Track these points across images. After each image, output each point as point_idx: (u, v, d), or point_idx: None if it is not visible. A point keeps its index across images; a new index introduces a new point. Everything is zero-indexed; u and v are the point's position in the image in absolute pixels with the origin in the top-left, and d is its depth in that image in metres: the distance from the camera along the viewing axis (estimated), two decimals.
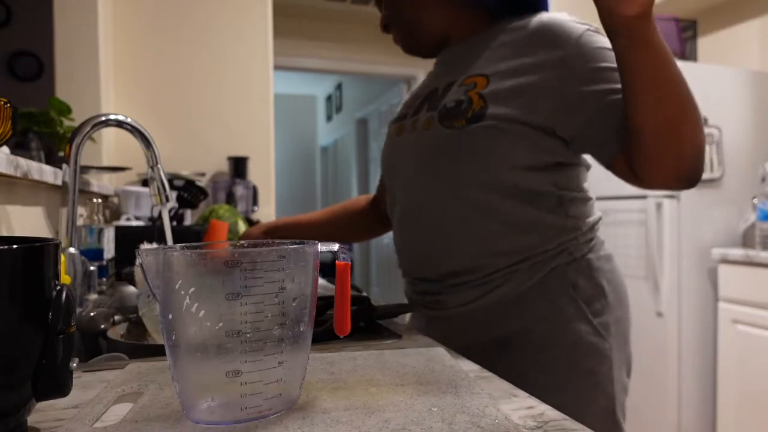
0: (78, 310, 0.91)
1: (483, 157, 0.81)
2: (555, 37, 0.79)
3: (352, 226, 1.20)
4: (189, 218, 2.23)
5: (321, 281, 1.24)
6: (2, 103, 0.70)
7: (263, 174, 2.75)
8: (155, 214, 1.94)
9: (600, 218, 0.94)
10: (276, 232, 1.17)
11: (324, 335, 0.70)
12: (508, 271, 0.82)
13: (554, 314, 0.82)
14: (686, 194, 2.36)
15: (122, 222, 1.97)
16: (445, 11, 0.90)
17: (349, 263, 0.50)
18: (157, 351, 0.69)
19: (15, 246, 0.37)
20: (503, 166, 0.81)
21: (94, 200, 1.32)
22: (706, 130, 2.36)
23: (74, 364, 0.41)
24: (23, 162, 0.96)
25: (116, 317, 0.87)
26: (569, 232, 0.84)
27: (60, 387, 0.40)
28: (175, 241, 1.02)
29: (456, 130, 0.81)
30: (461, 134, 0.80)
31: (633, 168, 0.76)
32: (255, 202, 2.60)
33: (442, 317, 0.89)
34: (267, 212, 2.77)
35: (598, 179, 2.65)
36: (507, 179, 0.81)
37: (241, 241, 0.51)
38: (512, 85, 0.79)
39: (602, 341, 0.82)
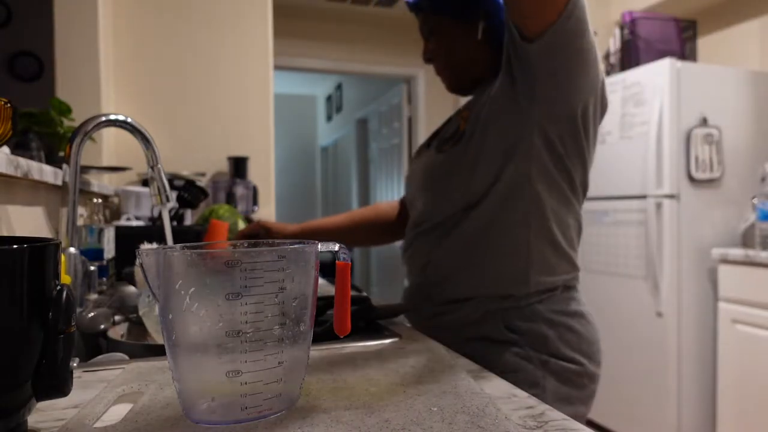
0: (78, 310, 0.91)
1: (462, 172, 0.89)
2: None
3: (375, 232, 1.23)
4: (189, 218, 2.23)
5: (321, 281, 1.24)
6: (2, 103, 0.70)
7: (263, 174, 2.75)
8: (155, 214, 1.94)
9: (574, 277, 0.95)
10: (304, 238, 1.19)
11: (324, 335, 0.70)
12: (455, 305, 0.92)
13: (489, 339, 0.89)
14: (686, 194, 2.37)
15: (122, 222, 1.97)
16: (488, 56, 0.96)
17: (349, 263, 0.50)
18: (157, 351, 0.69)
19: (15, 246, 0.37)
20: (475, 177, 0.88)
21: (94, 200, 1.32)
22: (706, 130, 2.36)
23: (74, 364, 0.41)
24: (23, 162, 0.96)
25: (116, 317, 0.87)
26: (523, 267, 0.89)
27: (60, 387, 0.40)
28: (175, 241, 1.02)
29: (444, 153, 0.92)
30: (447, 156, 0.91)
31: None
32: (255, 202, 2.60)
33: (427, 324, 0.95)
34: (267, 212, 2.76)
35: (599, 180, 2.67)
36: (476, 190, 0.89)
37: (241, 241, 0.51)
38: (482, 102, 0.91)
39: (533, 368, 0.87)
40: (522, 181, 0.87)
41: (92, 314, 0.82)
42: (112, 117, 0.95)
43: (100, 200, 1.79)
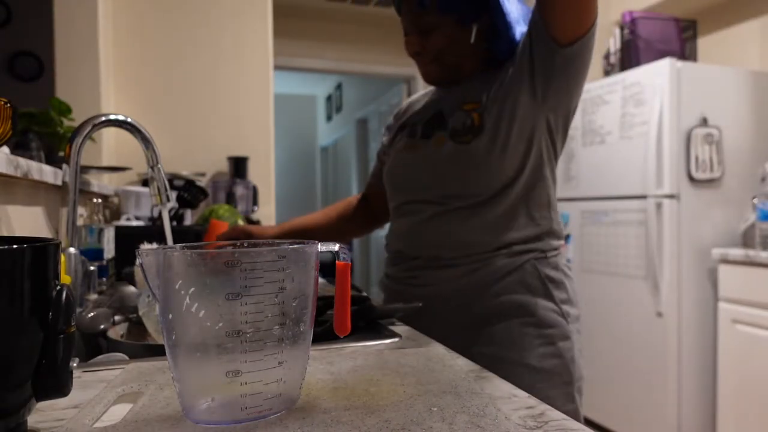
0: (78, 310, 0.91)
1: (484, 165, 0.97)
2: None
3: (350, 225, 1.29)
4: (189, 218, 2.23)
5: (321, 281, 1.24)
6: (2, 103, 0.70)
7: (263, 174, 2.75)
8: (155, 214, 1.94)
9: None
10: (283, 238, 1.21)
11: (324, 335, 0.70)
12: (489, 257, 0.98)
13: (526, 292, 0.97)
14: (686, 194, 2.37)
15: (122, 222, 1.97)
16: (475, 56, 1.04)
17: (349, 263, 0.50)
18: (157, 351, 0.69)
19: (15, 246, 0.37)
20: (498, 173, 0.97)
21: (94, 200, 1.32)
22: (706, 130, 2.36)
23: (74, 364, 0.41)
24: (23, 162, 0.96)
25: (116, 317, 0.87)
26: (545, 230, 1.01)
27: (60, 387, 0.40)
28: (175, 241, 1.02)
29: (465, 144, 0.97)
30: (469, 147, 0.97)
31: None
32: (255, 202, 2.60)
33: (418, 295, 0.99)
34: (267, 212, 2.76)
35: (599, 180, 2.68)
36: (501, 184, 0.97)
37: (241, 241, 0.51)
38: (499, 97, 0.98)
39: (565, 323, 0.98)
40: (540, 163, 1.00)
41: (92, 314, 0.82)
42: (112, 117, 0.95)
43: (100, 200, 1.79)
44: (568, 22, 0.90)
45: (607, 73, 2.91)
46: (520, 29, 1.01)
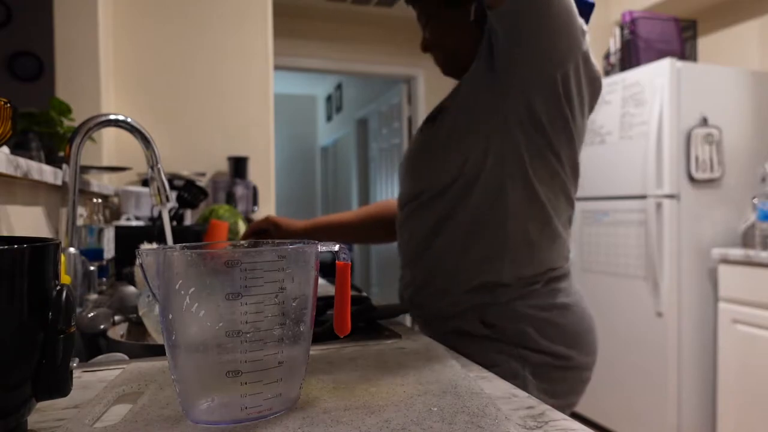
0: (78, 310, 0.91)
1: (437, 153, 0.90)
2: None
3: (380, 229, 1.23)
4: (189, 218, 2.23)
5: (321, 281, 1.24)
6: (2, 103, 0.70)
7: (263, 174, 2.74)
8: (155, 214, 1.94)
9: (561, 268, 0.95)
10: (314, 234, 1.18)
11: (324, 335, 0.70)
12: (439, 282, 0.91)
13: (468, 335, 0.89)
14: (686, 194, 2.37)
15: (122, 222, 1.97)
16: (475, 43, 0.95)
17: (349, 263, 0.50)
18: (157, 351, 0.69)
19: (15, 246, 0.37)
20: (450, 158, 0.88)
21: (94, 200, 1.32)
22: (706, 130, 2.36)
23: (74, 364, 0.41)
24: (23, 162, 0.96)
25: (116, 317, 0.87)
26: (504, 258, 0.89)
27: (60, 387, 0.40)
28: (175, 241, 1.02)
29: (424, 133, 0.94)
30: (423, 136, 0.94)
31: None
32: (255, 202, 2.60)
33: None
34: (267, 212, 2.76)
35: (599, 180, 2.68)
36: (451, 172, 0.88)
37: (241, 241, 0.51)
38: (465, 79, 0.91)
39: (515, 364, 0.87)
40: (513, 167, 0.86)
41: (92, 314, 0.82)
42: (112, 117, 0.95)
43: (100, 200, 1.79)
44: None
45: (607, 73, 2.91)
46: None
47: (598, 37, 3.19)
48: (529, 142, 0.86)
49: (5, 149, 0.93)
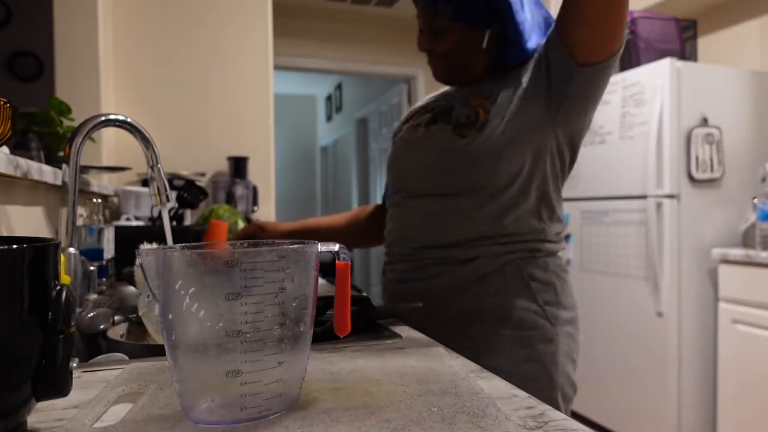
0: (78, 310, 0.91)
1: (486, 161, 0.96)
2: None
3: (363, 230, 1.26)
4: (189, 218, 2.23)
5: (321, 281, 1.24)
6: (2, 103, 0.70)
7: (263, 174, 2.75)
8: (155, 214, 1.94)
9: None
10: (297, 237, 1.21)
11: (324, 335, 0.70)
12: (470, 256, 0.97)
13: (504, 293, 0.95)
14: (686, 194, 2.37)
15: (122, 222, 1.97)
16: (485, 59, 1.04)
17: (349, 263, 0.50)
18: (157, 351, 0.69)
19: (15, 246, 0.37)
20: (491, 173, 0.96)
21: (94, 200, 1.32)
22: (707, 130, 2.36)
23: (74, 364, 0.41)
24: (23, 162, 0.96)
25: (116, 317, 0.87)
26: (538, 233, 0.99)
27: (60, 387, 0.40)
28: (175, 241, 1.01)
29: (464, 138, 0.97)
30: (467, 142, 0.97)
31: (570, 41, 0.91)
32: (255, 202, 2.60)
33: (408, 291, 1.01)
34: (267, 212, 2.76)
35: (599, 180, 2.68)
36: (501, 180, 0.96)
37: (241, 241, 0.51)
38: (509, 99, 0.98)
39: (548, 325, 0.95)
40: (541, 178, 0.99)
41: (92, 314, 0.82)
42: (112, 117, 0.94)
43: (100, 200, 1.79)
44: (592, 44, 0.89)
45: None
46: (536, 37, 1.00)
47: None
48: (555, 162, 1.00)
49: (5, 149, 0.94)
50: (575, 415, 2.78)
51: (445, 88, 1.15)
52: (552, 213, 1.02)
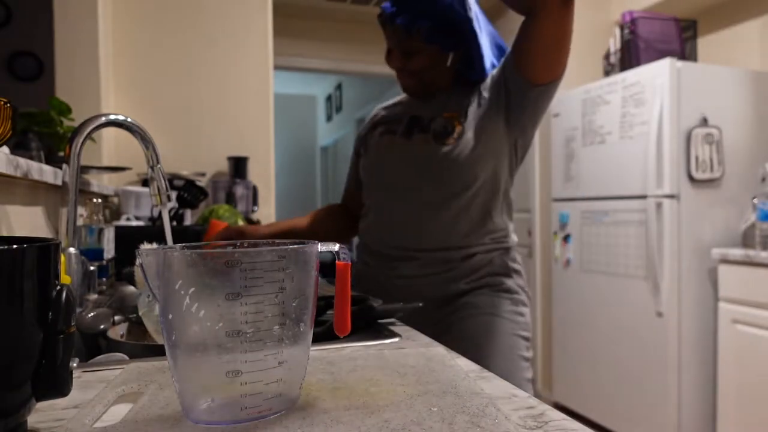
0: (78, 310, 0.91)
1: (466, 165, 1.12)
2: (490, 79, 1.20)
3: (332, 227, 1.38)
4: (189, 218, 2.23)
5: (321, 281, 1.24)
6: (2, 103, 0.70)
7: (263, 174, 2.74)
8: (155, 214, 1.94)
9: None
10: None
11: (324, 335, 0.70)
12: (464, 252, 1.15)
13: (496, 275, 1.17)
14: (686, 194, 2.37)
15: (122, 222, 1.97)
16: (449, 76, 1.20)
17: (349, 263, 0.50)
18: (157, 351, 0.69)
19: (15, 246, 0.37)
20: (469, 176, 1.12)
21: (94, 200, 1.32)
22: (706, 130, 2.36)
23: (74, 364, 0.41)
24: (23, 162, 0.96)
25: (116, 317, 0.87)
26: (506, 228, 1.20)
27: (60, 387, 0.40)
28: (175, 241, 1.01)
29: (448, 146, 1.12)
30: (452, 149, 1.12)
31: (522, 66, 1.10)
32: (255, 202, 2.60)
33: (397, 285, 1.16)
34: (267, 212, 2.76)
35: (599, 180, 2.68)
36: (479, 182, 1.13)
37: (241, 242, 0.51)
38: (477, 113, 1.17)
39: (525, 297, 1.20)
40: (505, 174, 1.17)
41: (92, 314, 0.82)
42: (112, 117, 0.94)
43: (100, 200, 1.79)
44: (542, 70, 1.08)
45: (607, 73, 2.91)
46: (491, 58, 1.19)
47: (598, 37, 3.19)
48: (512, 161, 1.19)
49: (5, 149, 0.94)
50: (575, 415, 2.79)
51: (402, 97, 1.30)
52: (510, 210, 1.22)
